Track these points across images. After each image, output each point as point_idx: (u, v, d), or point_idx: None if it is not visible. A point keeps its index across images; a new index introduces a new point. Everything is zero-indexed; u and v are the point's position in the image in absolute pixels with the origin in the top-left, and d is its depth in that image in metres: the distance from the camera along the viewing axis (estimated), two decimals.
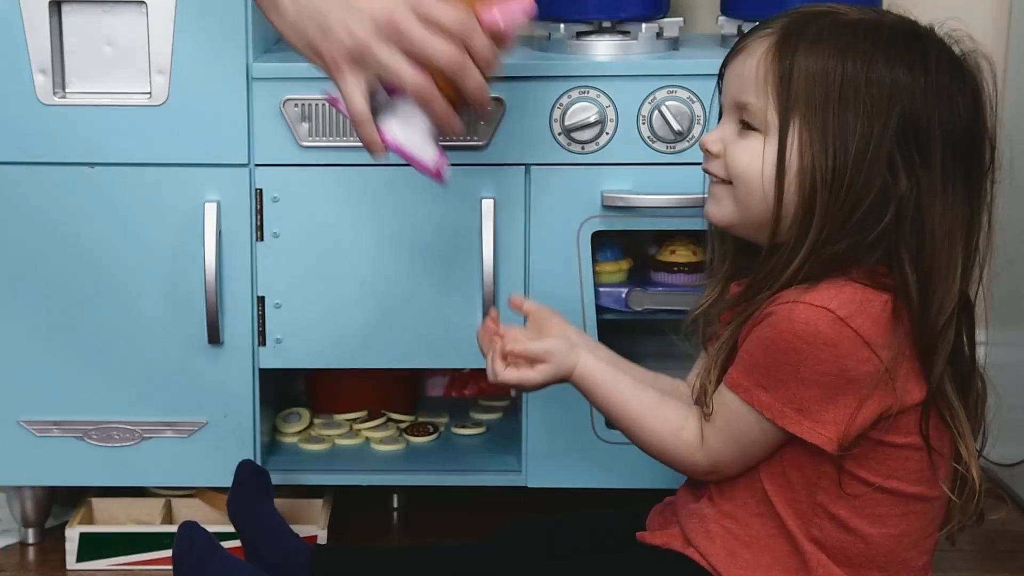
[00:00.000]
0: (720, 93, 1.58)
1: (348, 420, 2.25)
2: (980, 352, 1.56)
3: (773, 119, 1.47)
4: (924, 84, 1.45)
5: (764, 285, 1.49)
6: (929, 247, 1.46)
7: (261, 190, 1.99)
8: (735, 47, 1.56)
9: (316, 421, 2.25)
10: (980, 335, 1.56)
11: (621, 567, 1.57)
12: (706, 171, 1.56)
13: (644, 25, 2.05)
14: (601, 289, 2.05)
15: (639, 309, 2.05)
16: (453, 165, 1.97)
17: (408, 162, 1.66)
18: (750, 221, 1.52)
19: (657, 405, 1.58)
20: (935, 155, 1.45)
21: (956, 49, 1.50)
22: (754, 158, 1.49)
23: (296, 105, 1.96)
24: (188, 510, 2.13)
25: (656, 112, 1.96)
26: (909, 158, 1.45)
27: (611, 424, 1.65)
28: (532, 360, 1.61)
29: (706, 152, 1.55)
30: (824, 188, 1.44)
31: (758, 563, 1.51)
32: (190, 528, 1.72)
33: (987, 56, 1.51)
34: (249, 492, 1.80)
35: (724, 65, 1.58)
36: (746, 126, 1.51)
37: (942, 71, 1.47)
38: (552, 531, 1.74)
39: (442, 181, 1.67)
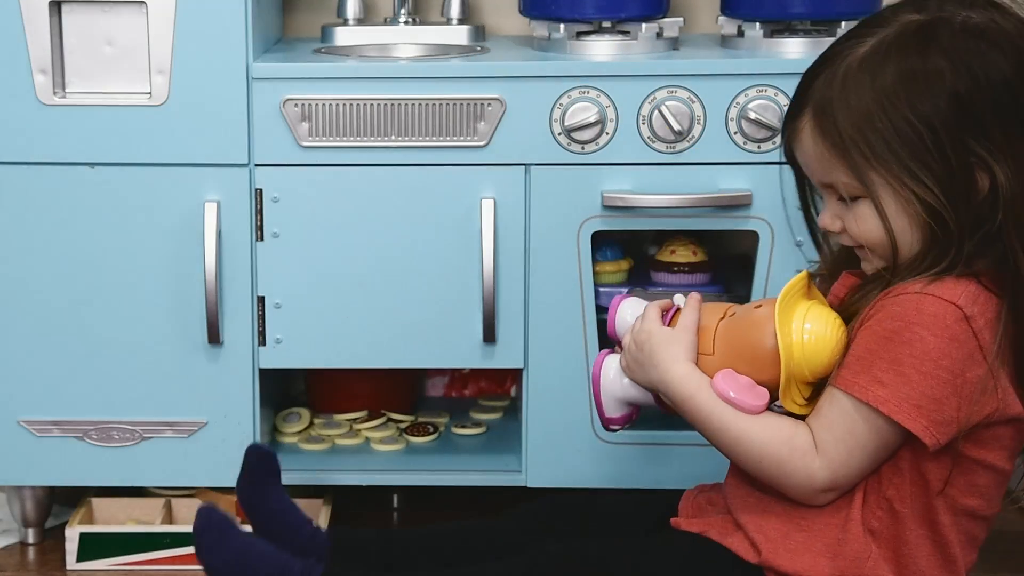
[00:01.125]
0: (794, 169, 1.58)
1: (348, 420, 2.25)
2: None
3: (859, 183, 1.46)
4: (949, 61, 1.43)
5: (880, 286, 1.47)
6: (1021, 218, 1.43)
7: (261, 190, 1.99)
8: (785, 133, 1.54)
9: (316, 421, 2.25)
10: None
11: (659, 552, 1.55)
12: (841, 244, 1.55)
13: (644, 25, 2.05)
14: (601, 289, 2.05)
15: None
16: (453, 165, 1.98)
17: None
18: (899, 261, 1.49)
19: (764, 415, 1.49)
20: (993, 127, 1.42)
21: (973, 15, 1.46)
22: (867, 222, 1.48)
23: (296, 105, 1.96)
24: (188, 510, 2.13)
25: (656, 112, 1.96)
26: (983, 141, 1.42)
27: (712, 440, 1.53)
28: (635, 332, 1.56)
29: (832, 232, 1.54)
30: (934, 212, 1.43)
31: (809, 547, 1.50)
32: (209, 508, 1.71)
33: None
34: (259, 476, 1.78)
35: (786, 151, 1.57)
36: (839, 198, 1.50)
37: (963, 41, 1.44)
38: (584, 511, 1.72)
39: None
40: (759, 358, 1.49)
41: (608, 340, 1.71)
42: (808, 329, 1.48)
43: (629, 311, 1.63)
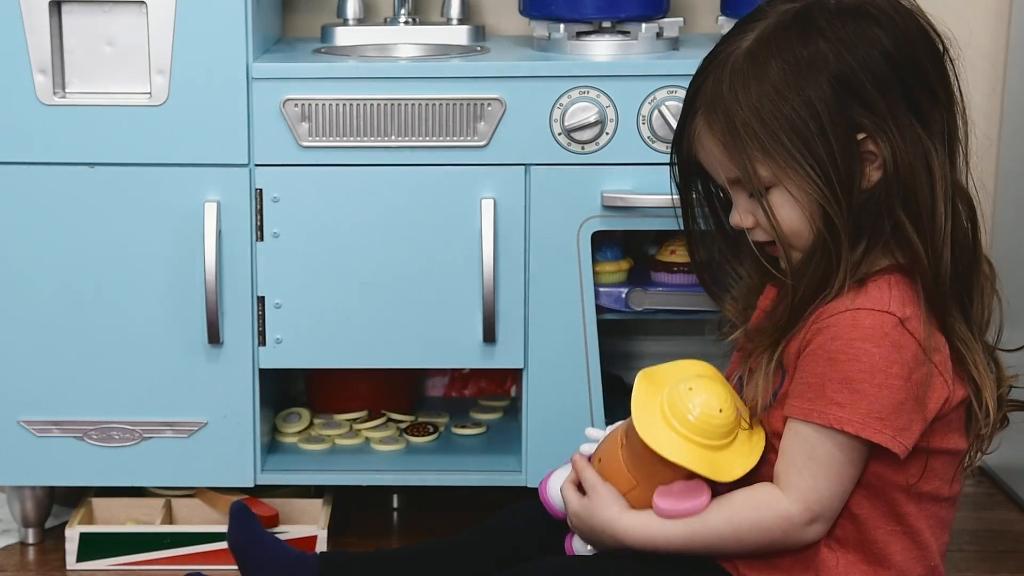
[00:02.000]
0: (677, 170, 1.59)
1: (348, 420, 2.25)
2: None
3: (759, 176, 1.47)
4: (830, 43, 1.44)
5: (808, 299, 1.47)
6: (911, 191, 1.44)
7: (261, 190, 1.99)
8: (682, 140, 1.55)
9: (316, 421, 2.25)
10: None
11: (639, 560, 1.56)
12: (756, 242, 1.54)
13: (644, 25, 2.05)
14: (601, 289, 2.05)
15: (639, 309, 2.05)
16: (453, 165, 1.98)
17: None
18: (808, 254, 1.49)
19: (716, 503, 1.48)
20: (878, 101, 1.44)
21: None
22: (781, 211, 1.47)
23: (296, 105, 1.96)
24: (188, 510, 2.13)
25: (656, 112, 1.96)
26: (869, 116, 1.44)
27: (695, 555, 1.51)
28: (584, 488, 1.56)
29: (744, 229, 1.54)
30: (827, 198, 1.44)
31: (781, 563, 1.51)
32: (241, 509, 1.71)
33: None
34: (248, 524, 1.77)
35: (677, 151, 1.58)
36: (751, 192, 1.50)
37: (840, 22, 1.46)
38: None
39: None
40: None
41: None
42: (673, 392, 1.49)
43: (557, 484, 1.63)
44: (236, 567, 1.72)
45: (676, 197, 1.62)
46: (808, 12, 1.47)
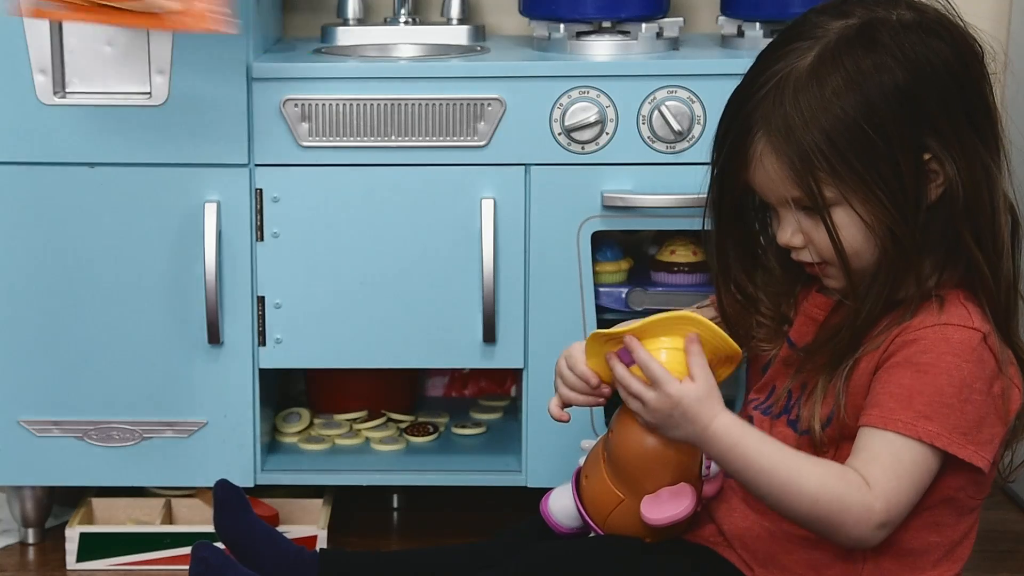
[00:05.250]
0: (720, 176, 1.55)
1: (348, 420, 2.25)
2: None
3: (824, 197, 1.45)
4: (897, 60, 1.43)
5: (873, 319, 1.46)
6: (975, 207, 1.44)
7: (261, 190, 1.99)
8: (729, 162, 1.52)
9: (316, 421, 2.25)
10: None
11: (651, 554, 1.55)
12: (798, 260, 1.53)
13: (644, 25, 2.05)
14: (601, 289, 2.05)
15: (639, 309, 2.05)
16: (453, 165, 1.98)
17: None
18: (863, 279, 1.48)
19: (809, 456, 1.45)
20: (942, 118, 1.43)
21: (908, 14, 1.47)
22: (843, 231, 1.46)
23: (296, 105, 1.96)
24: (188, 510, 2.13)
25: (656, 112, 1.96)
26: (930, 135, 1.43)
27: (760, 487, 1.45)
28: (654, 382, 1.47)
29: (793, 248, 1.52)
30: (894, 217, 1.43)
31: (810, 558, 1.51)
32: (204, 548, 1.69)
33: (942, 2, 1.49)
34: (234, 509, 1.77)
35: (726, 165, 1.54)
36: (807, 211, 1.48)
37: (904, 38, 1.44)
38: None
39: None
40: (651, 465, 1.50)
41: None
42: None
43: (558, 501, 1.62)
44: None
45: (709, 205, 1.58)
46: (871, 28, 1.45)
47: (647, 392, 1.46)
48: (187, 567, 1.91)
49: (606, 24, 2.08)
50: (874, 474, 1.42)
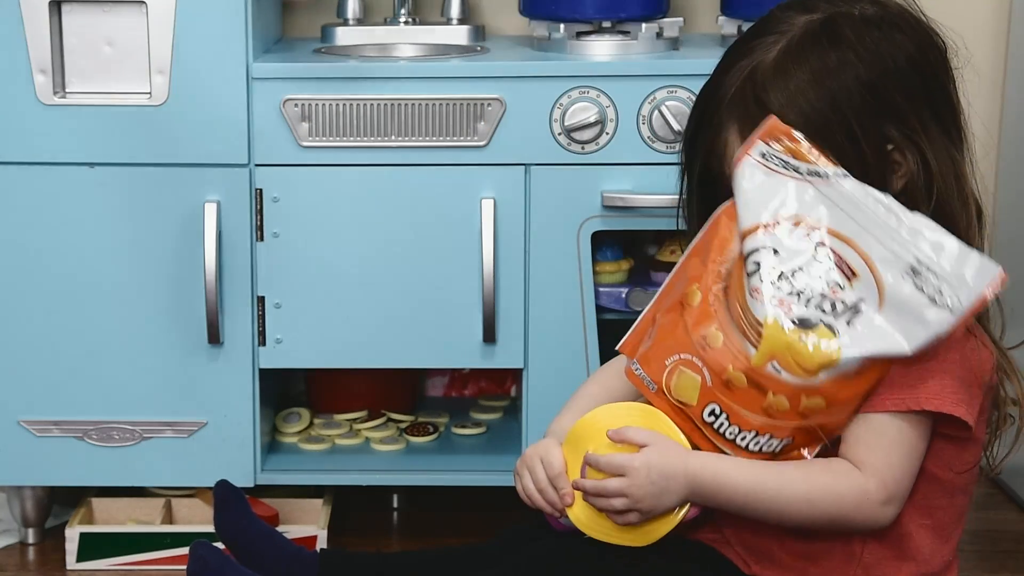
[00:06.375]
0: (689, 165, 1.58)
1: (348, 420, 2.25)
2: None
3: None
4: (858, 54, 1.45)
5: None
6: (941, 198, 1.45)
7: (261, 190, 1.99)
8: (697, 153, 1.54)
9: (316, 421, 2.25)
10: None
11: (653, 553, 1.55)
12: None
13: (644, 25, 2.05)
14: (601, 289, 2.05)
15: (639, 309, 2.05)
16: (453, 165, 1.98)
17: None
18: None
19: (788, 462, 1.44)
20: (906, 110, 1.45)
21: (870, 8, 1.49)
22: None
23: (296, 105, 1.96)
24: (188, 510, 2.13)
25: (656, 112, 1.96)
26: (894, 126, 1.45)
27: (755, 507, 1.44)
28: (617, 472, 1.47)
29: None
30: None
31: (809, 550, 1.51)
32: (202, 547, 1.69)
33: None
34: (234, 509, 1.77)
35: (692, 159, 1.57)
36: None
37: (866, 32, 1.46)
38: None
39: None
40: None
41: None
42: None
43: None
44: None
45: (683, 206, 1.61)
46: (833, 23, 1.48)
47: (623, 481, 1.46)
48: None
49: (606, 24, 2.08)
50: (861, 455, 1.43)
